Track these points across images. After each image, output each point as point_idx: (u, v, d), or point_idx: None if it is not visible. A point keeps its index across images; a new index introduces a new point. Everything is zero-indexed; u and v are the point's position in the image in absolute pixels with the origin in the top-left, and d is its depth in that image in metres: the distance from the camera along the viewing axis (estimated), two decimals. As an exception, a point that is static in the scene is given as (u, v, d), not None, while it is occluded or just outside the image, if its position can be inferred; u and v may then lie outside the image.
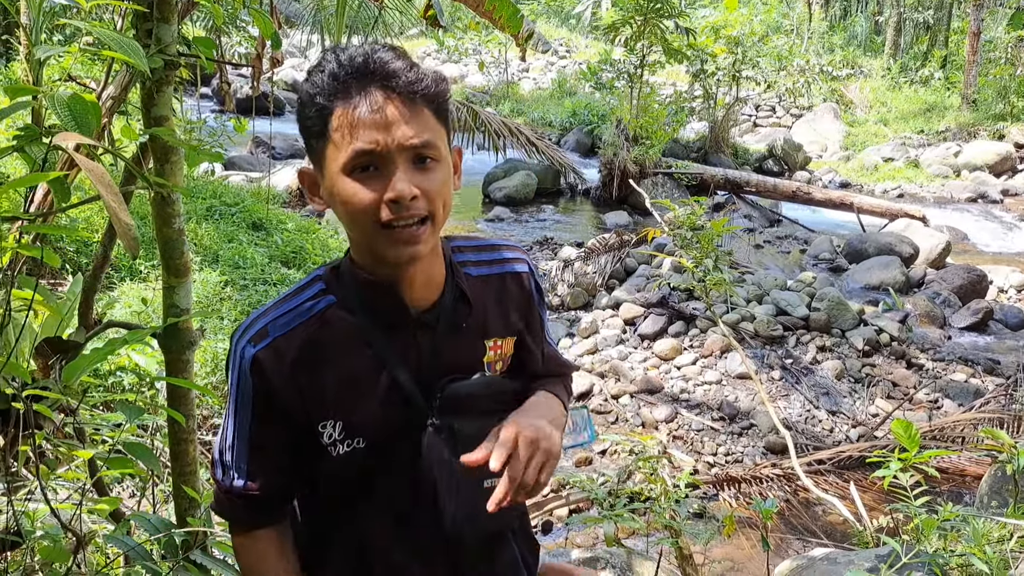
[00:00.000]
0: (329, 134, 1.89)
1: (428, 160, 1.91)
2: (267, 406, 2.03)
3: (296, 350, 2.00)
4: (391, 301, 2.04)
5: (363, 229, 1.92)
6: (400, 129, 1.86)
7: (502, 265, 2.26)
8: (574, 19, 40.96)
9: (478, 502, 1.99)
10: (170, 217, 2.91)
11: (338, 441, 2.03)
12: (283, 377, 1.99)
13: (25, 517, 2.91)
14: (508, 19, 11.46)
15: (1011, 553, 4.25)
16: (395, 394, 2.04)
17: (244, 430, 2.07)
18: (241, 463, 2.09)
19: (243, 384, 2.03)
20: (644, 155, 19.23)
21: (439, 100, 1.94)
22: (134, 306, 7.90)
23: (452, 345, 2.11)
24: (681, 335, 10.91)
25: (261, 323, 2.03)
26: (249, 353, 2.00)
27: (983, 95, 28.06)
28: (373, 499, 2.11)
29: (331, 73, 1.87)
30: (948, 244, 15.64)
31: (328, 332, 2.02)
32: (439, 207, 1.93)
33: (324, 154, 1.92)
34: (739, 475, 7.89)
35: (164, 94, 2.84)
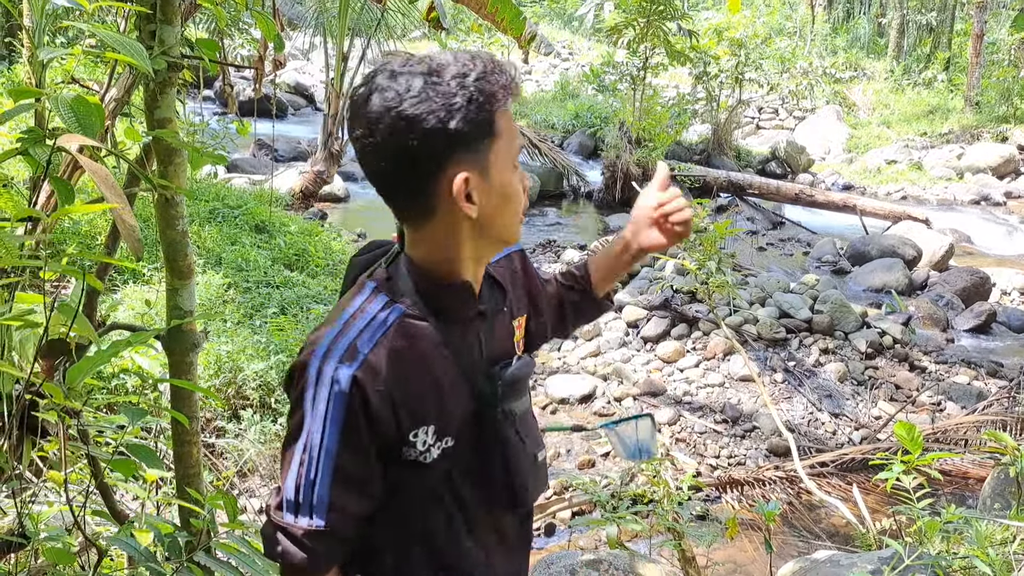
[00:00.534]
0: (498, 132, 1.97)
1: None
2: (364, 428, 1.98)
3: (386, 364, 1.98)
4: (466, 298, 2.13)
5: (514, 219, 2.09)
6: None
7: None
8: (577, 21, 40.85)
9: (535, 473, 2.23)
10: (174, 219, 2.92)
11: (431, 446, 2.05)
12: (380, 394, 1.97)
13: (30, 519, 2.91)
14: (511, 21, 11.47)
15: (1014, 556, 4.25)
16: (468, 388, 2.12)
17: (329, 461, 1.98)
18: (323, 498, 1.99)
19: (335, 411, 1.96)
20: (647, 157, 19.20)
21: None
22: (137, 308, 7.91)
23: (498, 331, 2.24)
24: (684, 337, 10.90)
25: (344, 341, 1.99)
26: (346, 375, 1.94)
27: (986, 97, 28.04)
28: (448, 496, 2.16)
29: (490, 73, 1.94)
30: (951, 246, 15.63)
31: (407, 340, 2.03)
32: None
33: (490, 151, 1.97)
34: (742, 477, 7.89)
35: (167, 96, 2.84)
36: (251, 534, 2.79)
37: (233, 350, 7.71)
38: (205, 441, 6.62)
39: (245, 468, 6.86)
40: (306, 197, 16.88)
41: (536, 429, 2.29)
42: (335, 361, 1.96)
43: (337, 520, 2.01)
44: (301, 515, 2.00)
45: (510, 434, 2.15)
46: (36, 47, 5.67)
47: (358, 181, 20.46)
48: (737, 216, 18.72)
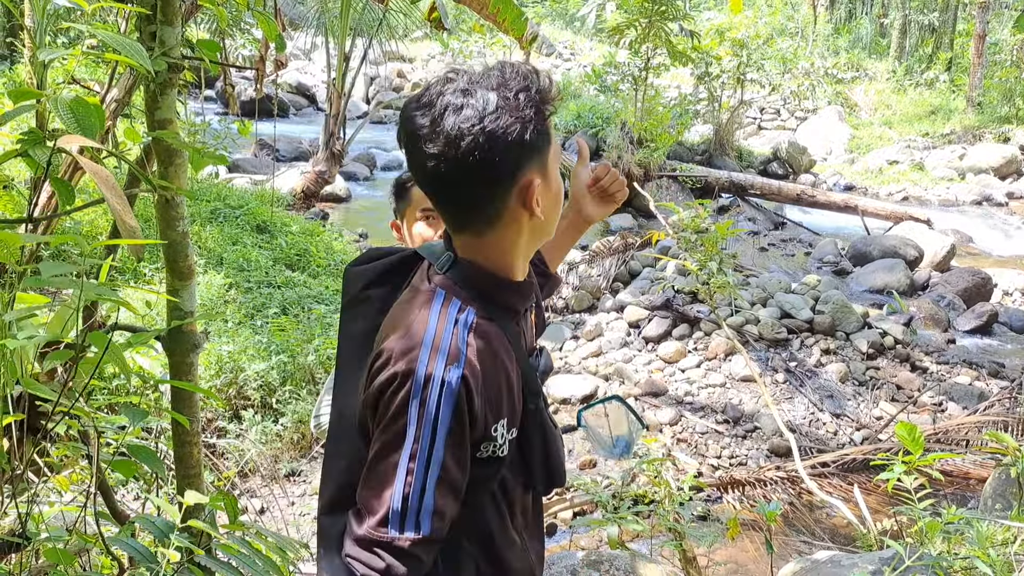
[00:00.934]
0: (552, 137, 2.13)
1: None
2: (467, 428, 2.03)
3: (479, 363, 2.04)
4: (527, 296, 2.26)
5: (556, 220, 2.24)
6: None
7: None
8: (578, 22, 40.89)
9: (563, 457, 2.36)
10: (174, 220, 2.92)
11: (507, 440, 2.13)
12: (479, 392, 2.03)
13: (30, 519, 2.92)
14: (512, 22, 11.48)
15: (1015, 556, 4.25)
16: (523, 380, 2.20)
17: (438, 467, 2.01)
18: (430, 505, 2.01)
19: (446, 410, 1.99)
20: (648, 158, 19.23)
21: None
22: (138, 309, 7.91)
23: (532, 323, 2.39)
24: (685, 338, 10.90)
25: (445, 345, 2.02)
26: (455, 375, 1.98)
27: (988, 98, 28.04)
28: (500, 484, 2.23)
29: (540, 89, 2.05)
30: (953, 247, 15.63)
31: (484, 341, 2.08)
32: None
33: (546, 156, 2.12)
34: (743, 478, 7.89)
35: (168, 97, 2.84)
36: (252, 535, 2.79)
37: (234, 350, 7.72)
38: (206, 441, 6.62)
39: (246, 468, 6.87)
40: (307, 197, 16.89)
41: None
42: (443, 363, 1.99)
43: (440, 526, 2.04)
44: (408, 527, 2.00)
45: (547, 420, 2.26)
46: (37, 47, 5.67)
47: (359, 181, 20.49)
48: (739, 216, 18.73)
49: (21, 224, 3.20)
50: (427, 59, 36.65)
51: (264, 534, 2.81)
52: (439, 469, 2.00)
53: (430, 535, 2.01)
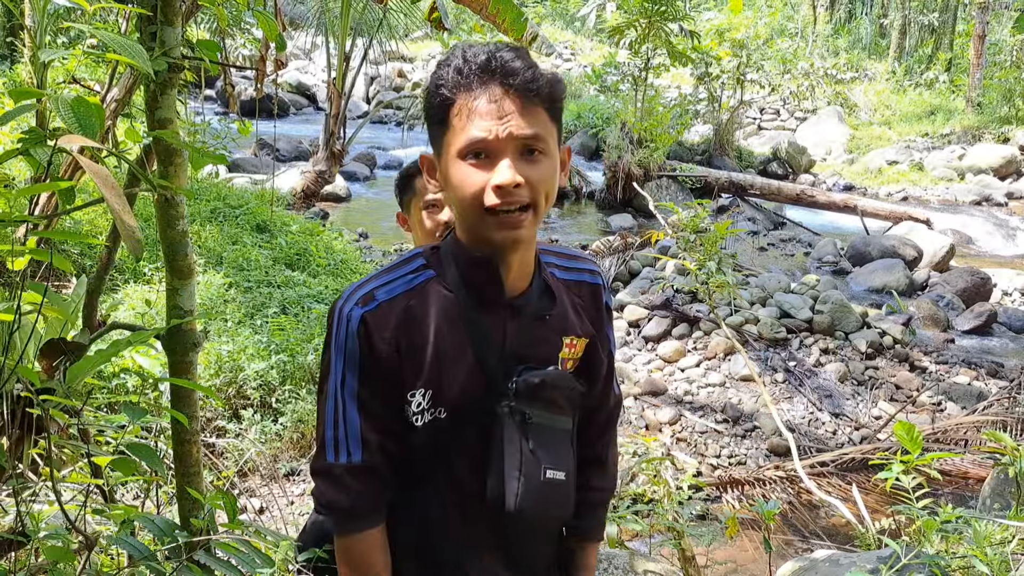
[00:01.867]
0: (449, 122, 2.05)
1: (536, 152, 2.05)
2: (372, 367, 2.12)
3: (399, 315, 2.12)
4: (491, 280, 2.17)
5: (471, 211, 2.06)
6: (512, 121, 2.01)
7: (581, 273, 2.40)
8: (578, 22, 40.88)
9: (539, 488, 2.16)
10: (174, 219, 2.93)
11: (425, 410, 2.13)
12: (386, 340, 2.10)
13: (30, 518, 2.92)
14: (512, 22, 11.48)
15: (1012, 555, 4.25)
16: (479, 371, 2.16)
17: (353, 394, 2.15)
18: (355, 431, 2.15)
19: (350, 346, 2.12)
20: (648, 158, 19.22)
21: (553, 100, 2.09)
22: (138, 308, 7.92)
23: (535, 334, 2.24)
24: (685, 337, 10.91)
25: (366, 288, 2.15)
26: (357, 314, 2.11)
27: (988, 98, 28.00)
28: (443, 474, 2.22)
29: (456, 68, 2.03)
30: (952, 247, 15.63)
31: (427, 303, 2.15)
32: (541, 197, 2.07)
33: (443, 140, 2.08)
34: (742, 477, 7.90)
35: (168, 97, 2.85)
36: (251, 533, 2.80)
37: (234, 350, 7.72)
38: (205, 441, 6.63)
39: (245, 468, 6.87)
40: (307, 197, 16.89)
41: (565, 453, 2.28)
42: (352, 303, 2.13)
43: (372, 455, 2.16)
44: (340, 453, 2.16)
45: (514, 435, 2.16)
46: (37, 47, 5.69)
47: (360, 180, 20.48)
48: (738, 216, 18.73)
49: (21, 224, 3.21)
50: (427, 59, 36.62)
51: (263, 533, 2.82)
52: (355, 399, 2.15)
53: (360, 462, 2.16)
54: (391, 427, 2.17)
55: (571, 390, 2.27)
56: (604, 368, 2.46)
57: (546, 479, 2.19)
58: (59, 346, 2.82)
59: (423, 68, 35.66)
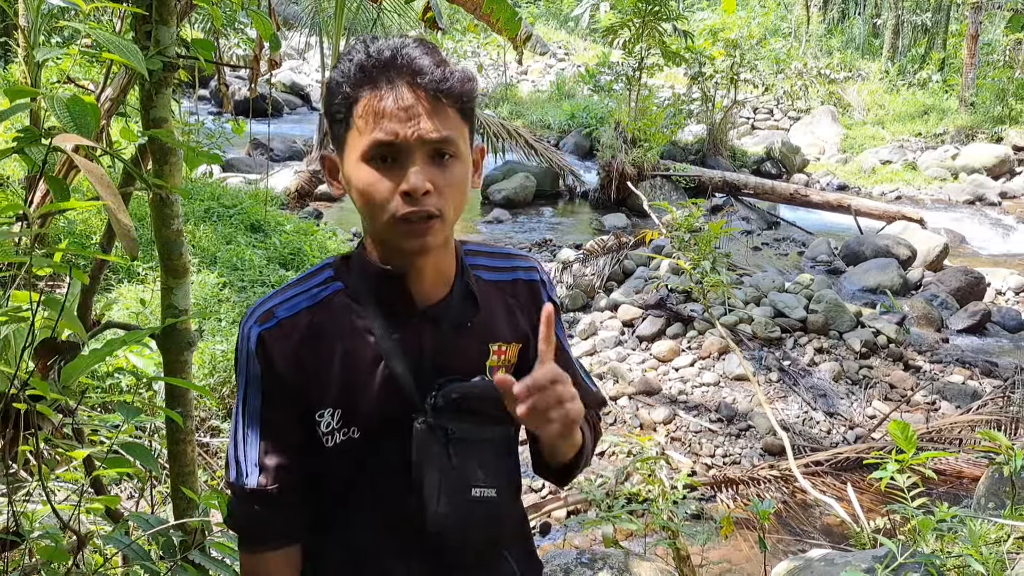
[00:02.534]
0: (352, 122, 1.90)
1: (446, 156, 1.91)
2: (274, 387, 2.02)
3: (301, 332, 2.01)
4: (399, 291, 2.03)
5: (376, 217, 1.92)
6: (421, 123, 1.86)
7: (513, 272, 2.24)
8: (572, 22, 40.90)
9: (465, 507, 2.02)
10: (169, 218, 2.92)
11: (335, 430, 2.02)
12: (287, 358, 2.00)
13: (23, 517, 2.92)
14: (506, 22, 11.48)
15: (1008, 554, 4.26)
16: (392, 386, 2.01)
17: (255, 416, 2.05)
18: (253, 454, 2.06)
19: (251, 366, 2.03)
20: (642, 157, 19.23)
21: (464, 99, 1.94)
22: (132, 307, 7.91)
23: (455, 344, 2.08)
24: (679, 337, 10.92)
25: (267, 305, 2.04)
26: (255, 333, 2.01)
27: (981, 98, 28.05)
28: (364, 497, 2.09)
29: (359, 63, 1.89)
30: (946, 246, 15.65)
31: (333, 318, 2.03)
32: (450, 206, 1.93)
33: (345, 141, 1.94)
34: (737, 476, 7.90)
35: (163, 96, 2.84)
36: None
37: (228, 349, 7.71)
38: (199, 440, 6.62)
39: (240, 467, 6.85)
40: (301, 196, 16.90)
41: (496, 467, 2.09)
42: (252, 322, 2.03)
43: (275, 479, 2.05)
44: (241, 474, 2.07)
45: (433, 452, 2.00)
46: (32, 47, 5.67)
47: (354, 181, 20.46)
48: (732, 216, 18.74)
49: (16, 222, 3.20)
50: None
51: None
52: (258, 417, 2.05)
53: (266, 486, 2.05)
54: (299, 449, 2.06)
55: (501, 400, 1.98)
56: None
57: (472, 497, 2.03)
58: (53, 345, 2.81)
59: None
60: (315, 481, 2.10)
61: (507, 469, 2.15)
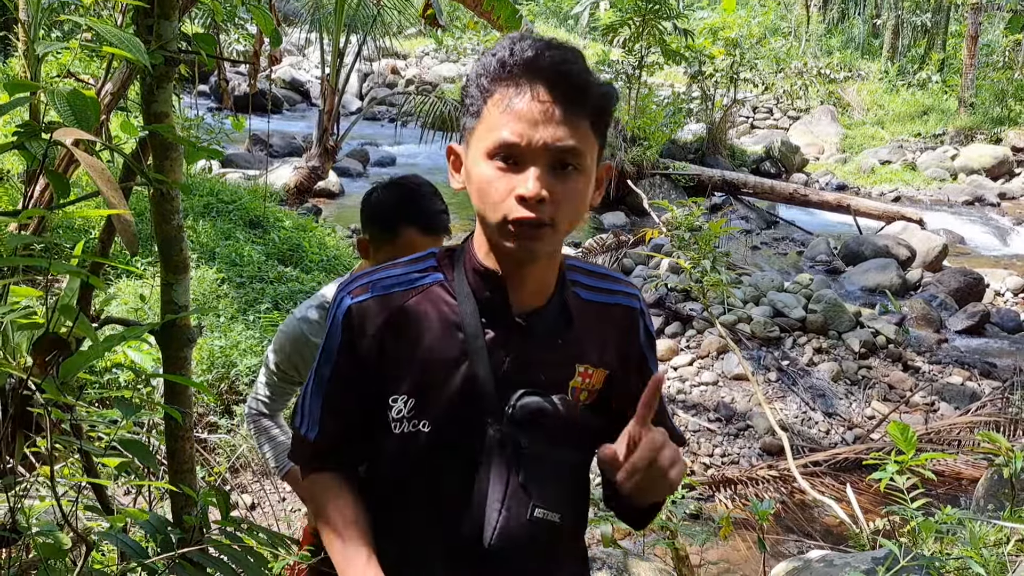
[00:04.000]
0: (483, 116, 1.87)
1: (569, 167, 1.84)
2: (350, 361, 2.03)
3: (390, 313, 2.00)
4: (498, 293, 1.98)
5: (488, 216, 1.87)
6: (549, 129, 1.80)
7: (612, 295, 2.15)
8: (572, 20, 40.90)
9: (524, 527, 1.94)
10: (169, 214, 2.91)
11: (405, 418, 2.00)
12: (370, 335, 2.00)
13: (21, 513, 2.90)
14: (506, 19, 11.48)
15: (1008, 557, 4.25)
16: (471, 388, 1.97)
17: (323, 383, 2.08)
18: (315, 414, 2.09)
19: (333, 333, 2.05)
20: (642, 156, 19.24)
21: (600, 113, 1.88)
22: (131, 303, 7.89)
23: (543, 357, 2.02)
24: (678, 336, 10.91)
25: (366, 279, 2.04)
26: (346, 303, 2.02)
27: (981, 98, 28.06)
28: (422, 494, 2.05)
29: (501, 59, 1.84)
30: (945, 247, 15.67)
31: (426, 307, 2.01)
32: (564, 217, 1.86)
33: (474, 133, 1.90)
34: (735, 476, 7.90)
35: (164, 90, 2.83)
36: (244, 530, 2.78)
37: (226, 345, 7.70)
38: (197, 436, 6.61)
39: (237, 464, 6.86)
40: (300, 192, 16.87)
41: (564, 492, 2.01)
42: (346, 292, 2.04)
43: (327, 439, 2.10)
44: (303, 424, 2.12)
45: (502, 465, 1.95)
46: (32, 41, 5.66)
47: (352, 176, 20.48)
48: (731, 215, 18.74)
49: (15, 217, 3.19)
50: (421, 56, 36.64)
51: (256, 529, 2.80)
52: (325, 386, 2.08)
53: (314, 441, 2.10)
54: (353, 425, 2.09)
55: (580, 426, 2.03)
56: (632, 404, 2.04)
57: (533, 518, 1.94)
58: (52, 341, 2.80)
59: (416, 65, 35.68)
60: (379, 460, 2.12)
61: (575, 497, 2.11)
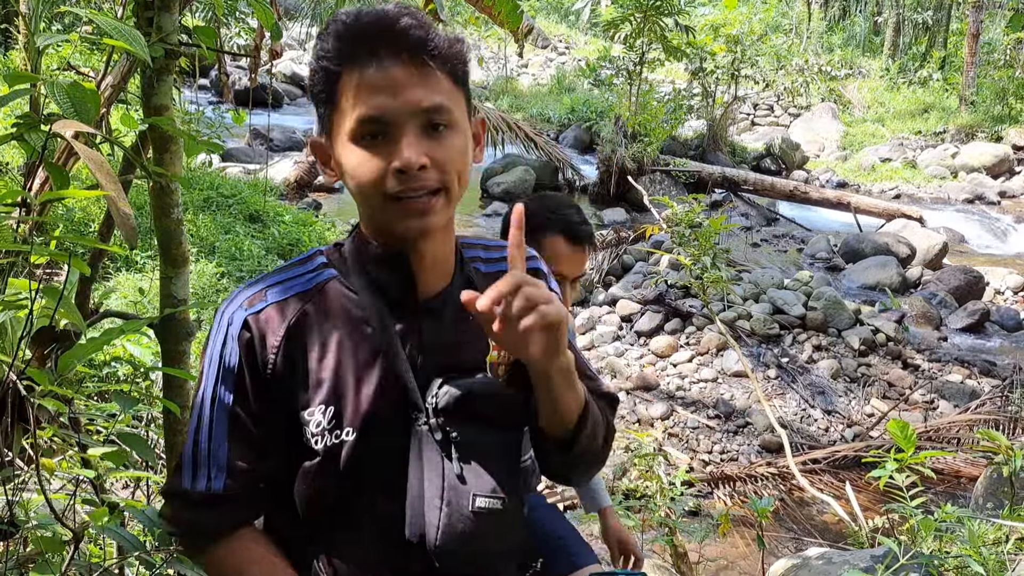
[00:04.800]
0: (336, 101, 1.75)
1: (441, 127, 1.73)
2: (254, 379, 1.83)
3: (292, 319, 1.83)
4: (399, 278, 1.86)
5: (371, 201, 1.76)
6: (409, 92, 1.70)
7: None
8: (573, 15, 40.90)
9: (467, 521, 1.81)
10: (169, 207, 2.90)
11: (326, 431, 1.81)
12: (274, 347, 1.81)
13: (18, 507, 2.90)
14: (507, 15, 11.45)
15: (1008, 555, 4.24)
16: (390, 383, 1.83)
17: (225, 414, 1.84)
18: (219, 453, 1.84)
19: (227, 353, 1.83)
20: (642, 152, 19.24)
21: (455, 62, 1.78)
22: (130, 296, 7.89)
23: (457, 339, 1.89)
24: (678, 332, 10.90)
25: (255, 288, 1.87)
26: (239, 317, 1.82)
27: (981, 96, 28.05)
28: (356, 504, 1.89)
29: (337, 35, 1.73)
30: (945, 245, 15.67)
31: (327, 307, 1.86)
32: (453, 178, 1.76)
33: (332, 122, 1.78)
34: (734, 473, 7.90)
35: (165, 83, 2.82)
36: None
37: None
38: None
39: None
40: (300, 187, 16.89)
41: (503, 476, 1.87)
42: (235, 306, 1.85)
43: (237, 482, 1.86)
44: (199, 478, 1.86)
45: (435, 458, 1.81)
46: (32, 33, 5.65)
47: (353, 172, 20.47)
48: (732, 212, 18.74)
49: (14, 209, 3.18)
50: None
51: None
52: (227, 418, 1.84)
53: (223, 490, 1.84)
54: (269, 446, 1.87)
55: (507, 405, 1.89)
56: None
57: (476, 509, 1.81)
58: (51, 334, 2.79)
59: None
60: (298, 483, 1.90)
61: (512, 476, 1.92)
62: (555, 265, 2.82)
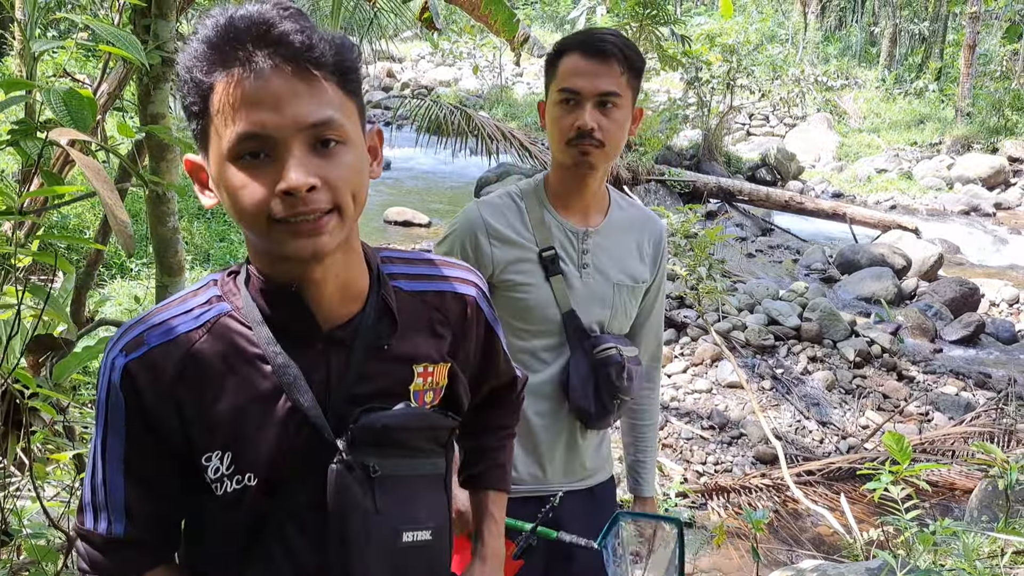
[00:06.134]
0: (210, 115, 1.55)
1: (332, 143, 1.56)
2: (143, 428, 1.69)
3: (178, 362, 1.67)
4: (295, 310, 1.70)
5: (255, 227, 1.57)
6: (293, 106, 1.51)
7: (441, 282, 1.92)
8: (569, 24, 40.93)
9: (395, 557, 1.74)
10: (165, 216, 2.89)
11: (225, 477, 1.69)
12: (160, 394, 1.66)
13: (12, 515, 2.89)
14: (503, 23, 11.45)
15: (1003, 569, 4.24)
16: (296, 423, 1.70)
17: (117, 458, 1.71)
18: (117, 500, 1.72)
19: (112, 401, 1.68)
20: (637, 162, 19.22)
21: (344, 69, 1.60)
22: (126, 304, 7.88)
23: (371, 369, 1.77)
24: (672, 343, 10.88)
25: (137, 330, 1.69)
26: (120, 363, 1.66)
27: (978, 108, 28.09)
28: (270, 553, 1.75)
29: (207, 40, 1.52)
30: (940, 256, 15.65)
31: (218, 345, 1.69)
32: (347, 198, 1.59)
33: (208, 139, 1.58)
34: (728, 484, 7.88)
35: (161, 91, 2.82)
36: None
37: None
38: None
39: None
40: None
41: (430, 505, 1.83)
42: (116, 350, 1.68)
43: (138, 527, 1.74)
44: (99, 520, 1.74)
45: (352, 496, 1.69)
46: (28, 40, 5.64)
47: (348, 180, 20.45)
48: (727, 222, 18.72)
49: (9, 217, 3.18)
50: (417, 59, 36.70)
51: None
52: (121, 460, 1.71)
53: (124, 535, 1.73)
54: (167, 495, 1.76)
55: (433, 429, 1.82)
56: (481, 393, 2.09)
57: (404, 544, 1.74)
58: (46, 342, 2.78)
59: (412, 68, 35.73)
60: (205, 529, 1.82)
61: (442, 505, 1.88)
62: (570, 82, 2.78)
